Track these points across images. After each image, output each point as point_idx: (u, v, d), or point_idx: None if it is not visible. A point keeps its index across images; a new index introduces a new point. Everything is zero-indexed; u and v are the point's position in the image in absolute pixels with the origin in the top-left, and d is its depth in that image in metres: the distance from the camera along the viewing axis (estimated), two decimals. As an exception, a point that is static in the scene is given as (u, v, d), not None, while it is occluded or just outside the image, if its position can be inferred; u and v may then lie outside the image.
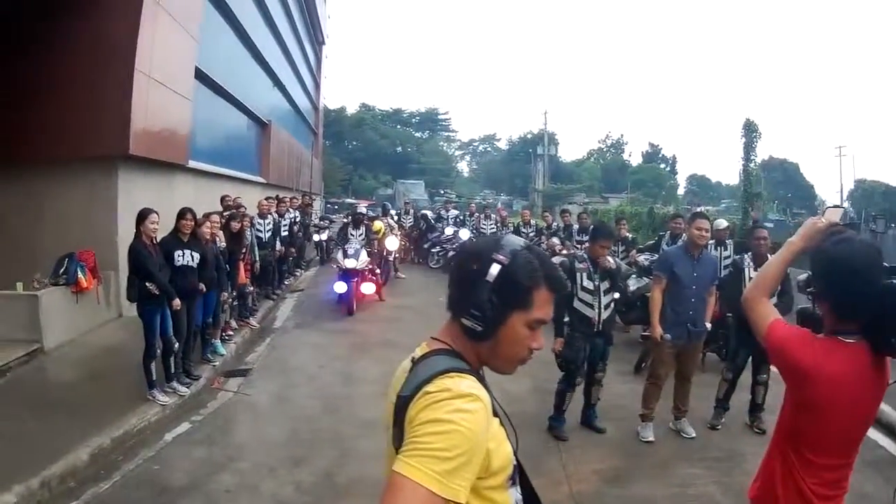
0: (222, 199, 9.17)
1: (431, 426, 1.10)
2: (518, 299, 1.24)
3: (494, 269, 1.23)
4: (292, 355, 7.26)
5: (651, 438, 4.83)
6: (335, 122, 54.27)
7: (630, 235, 10.13)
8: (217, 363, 6.54)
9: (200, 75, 10.77)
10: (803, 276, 2.13)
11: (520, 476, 1.32)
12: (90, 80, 7.56)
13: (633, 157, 64.76)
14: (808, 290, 2.04)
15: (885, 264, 1.88)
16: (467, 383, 1.18)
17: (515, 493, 1.28)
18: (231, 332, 7.42)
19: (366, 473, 4.12)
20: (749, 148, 19.99)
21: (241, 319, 8.05)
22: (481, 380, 1.26)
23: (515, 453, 1.30)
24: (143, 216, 5.34)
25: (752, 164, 20.19)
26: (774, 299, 4.53)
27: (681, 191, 56.89)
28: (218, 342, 6.82)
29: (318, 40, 31.29)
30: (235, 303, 7.77)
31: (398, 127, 65.63)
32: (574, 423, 5.10)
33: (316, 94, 32.08)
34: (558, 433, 4.93)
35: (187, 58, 9.73)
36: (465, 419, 1.11)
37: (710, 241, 5.35)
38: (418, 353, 1.31)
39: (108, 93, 7.60)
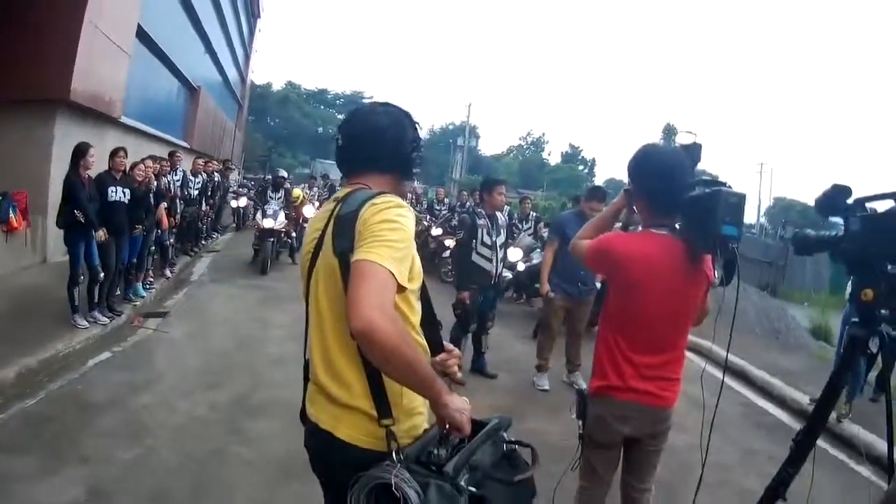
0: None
1: (386, 224, 1.35)
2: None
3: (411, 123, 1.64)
4: (208, 303, 7.75)
5: (546, 387, 5.16)
6: (260, 97, 52.73)
7: (535, 214, 11.32)
8: (137, 304, 7.03)
9: (140, 33, 10.77)
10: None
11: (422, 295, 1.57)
12: (37, 23, 7.42)
13: (553, 156, 65.38)
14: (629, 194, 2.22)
15: (705, 177, 2.07)
16: (400, 199, 1.46)
17: (419, 307, 1.55)
18: (151, 280, 7.83)
19: (277, 397, 4.59)
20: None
21: (159, 270, 8.42)
22: None
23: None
24: (83, 150, 5.64)
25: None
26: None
27: (596, 193, 57.88)
28: (139, 285, 7.28)
29: (253, 13, 30.94)
30: (156, 255, 8.16)
31: (322, 107, 64.46)
32: (465, 372, 5.79)
33: (245, 66, 31.59)
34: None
35: (132, 12, 9.83)
36: (407, 221, 1.39)
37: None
38: (341, 194, 1.57)
39: (54, 37, 7.49)
